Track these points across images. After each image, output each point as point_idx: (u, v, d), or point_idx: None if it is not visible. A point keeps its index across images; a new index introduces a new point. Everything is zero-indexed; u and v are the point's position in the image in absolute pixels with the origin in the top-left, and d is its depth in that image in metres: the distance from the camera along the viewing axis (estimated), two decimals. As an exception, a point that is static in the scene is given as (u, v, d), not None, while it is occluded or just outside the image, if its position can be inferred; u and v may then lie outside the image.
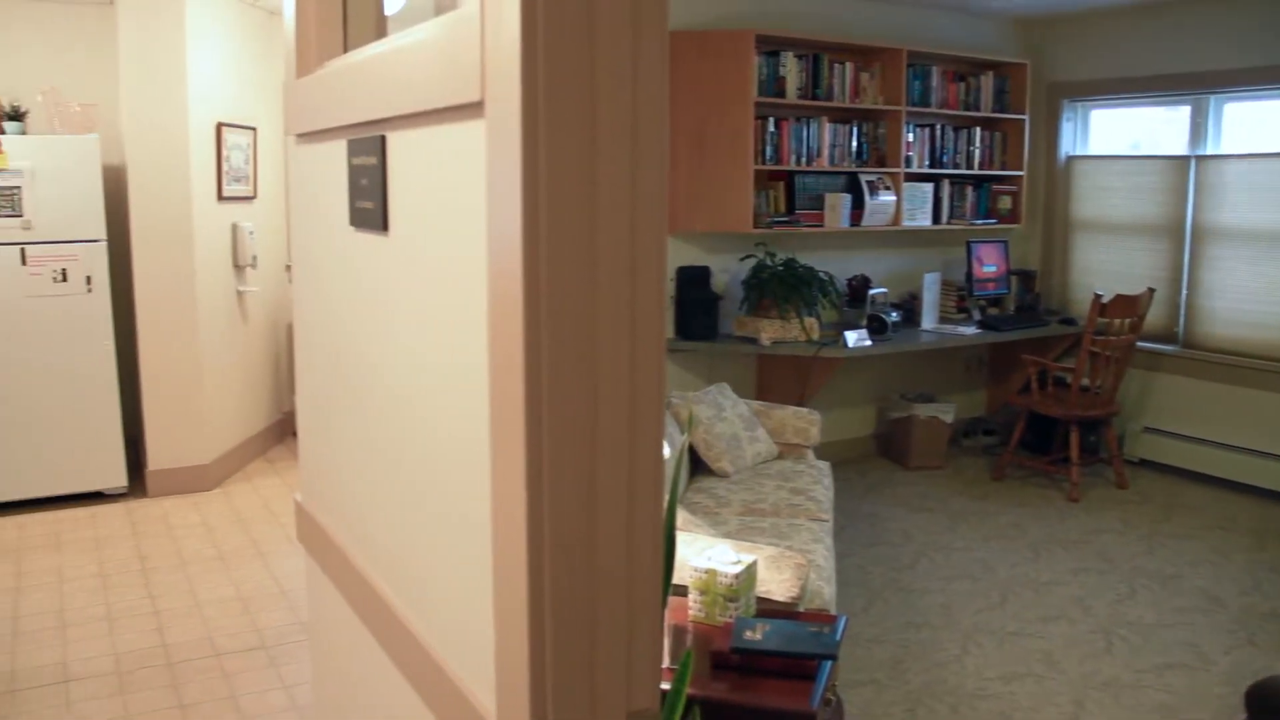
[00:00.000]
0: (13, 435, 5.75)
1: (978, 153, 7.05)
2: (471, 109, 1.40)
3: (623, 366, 1.31)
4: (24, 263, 5.68)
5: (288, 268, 7.18)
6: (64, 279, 5.75)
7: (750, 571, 3.04)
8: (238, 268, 6.54)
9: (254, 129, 6.65)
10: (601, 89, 1.24)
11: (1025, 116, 7.07)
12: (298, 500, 2.65)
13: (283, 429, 7.24)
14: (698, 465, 5.04)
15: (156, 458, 6.08)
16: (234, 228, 6.47)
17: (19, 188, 5.64)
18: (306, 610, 4.50)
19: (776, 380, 6.43)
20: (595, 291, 1.28)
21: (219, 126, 6.25)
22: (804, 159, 6.25)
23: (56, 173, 5.69)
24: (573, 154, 1.24)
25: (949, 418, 6.74)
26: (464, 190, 1.47)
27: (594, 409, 1.30)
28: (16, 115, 5.81)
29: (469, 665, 1.60)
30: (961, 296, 6.96)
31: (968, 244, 6.81)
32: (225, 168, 6.32)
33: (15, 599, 4.71)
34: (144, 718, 3.71)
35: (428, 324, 1.67)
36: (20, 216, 5.65)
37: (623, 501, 1.34)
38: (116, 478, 5.98)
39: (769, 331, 6.00)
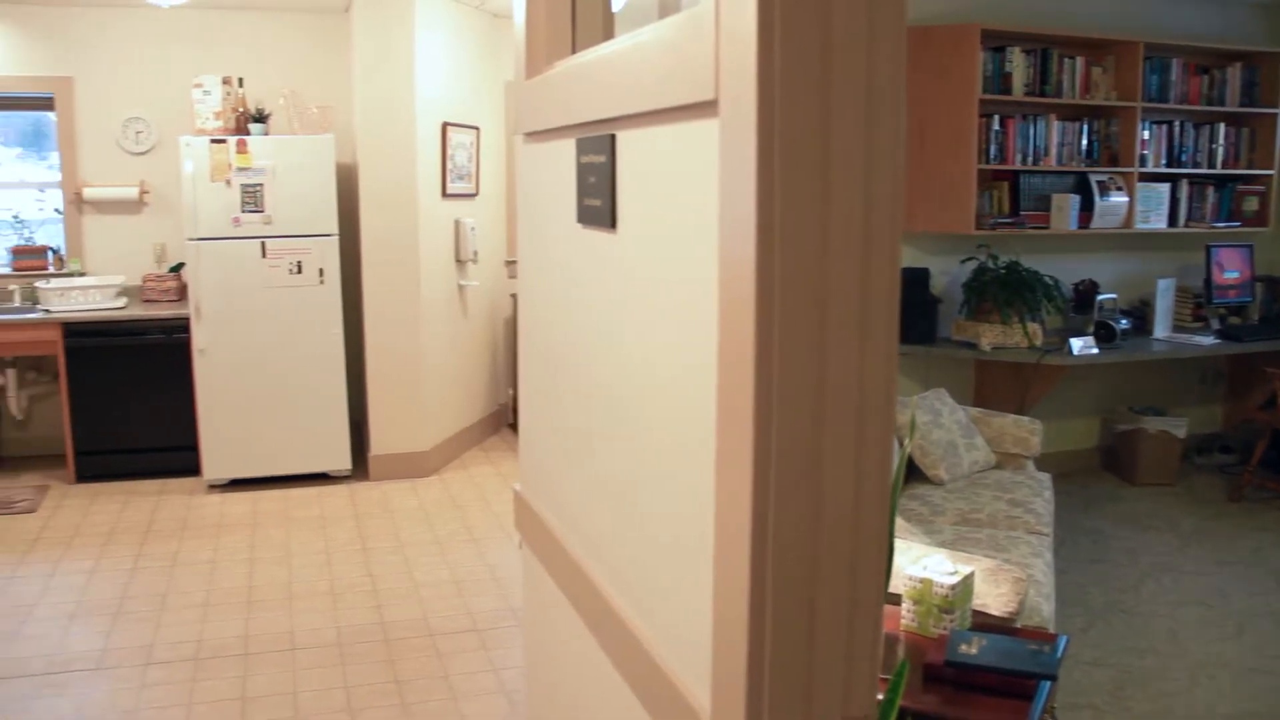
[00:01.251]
0: (250, 417, 6.12)
1: (1221, 150, 6.62)
2: (704, 108, 1.40)
3: (852, 370, 1.29)
4: (264, 255, 6.02)
5: (507, 263, 7.38)
6: (299, 271, 6.07)
7: (967, 583, 2.93)
8: (459, 263, 6.76)
9: (477, 128, 6.87)
10: (836, 86, 1.22)
11: (1278, 111, 6.60)
12: (517, 490, 2.71)
13: (498, 420, 7.44)
14: (911, 471, 4.91)
15: (379, 443, 6.35)
16: (456, 224, 6.70)
17: (261, 185, 5.98)
18: (518, 596, 4.62)
19: (996, 387, 6.20)
20: (827, 293, 1.26)
21: (444, 126, 6.47)
22: (1030, 158, 6.02)
23: (294, 171, 6.01)
24: (807, 153, 1.22)
25: (1181, 433, 6.36)
26: (695, 189, 1.47)
27: (822, 411, 1.28)
28: (260, 117, 6.17)
29: (684, 660, 1.59)
30: (1199, 304, 6.55)
31: (1207, 248, 6.41)
32: (449, 166, 6.55)
33: (250, 569, 5.01)
34: (362, 689, 3.87)
35: (654, 321, 1.67)
36: (261, 212, 6.00)
37: (849, 505, 1.32)
38: (341, 461, 6.29)
39: (989, 336, 5.80)
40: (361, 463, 6.49)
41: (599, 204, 1.89)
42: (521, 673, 3.98)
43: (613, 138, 1.80)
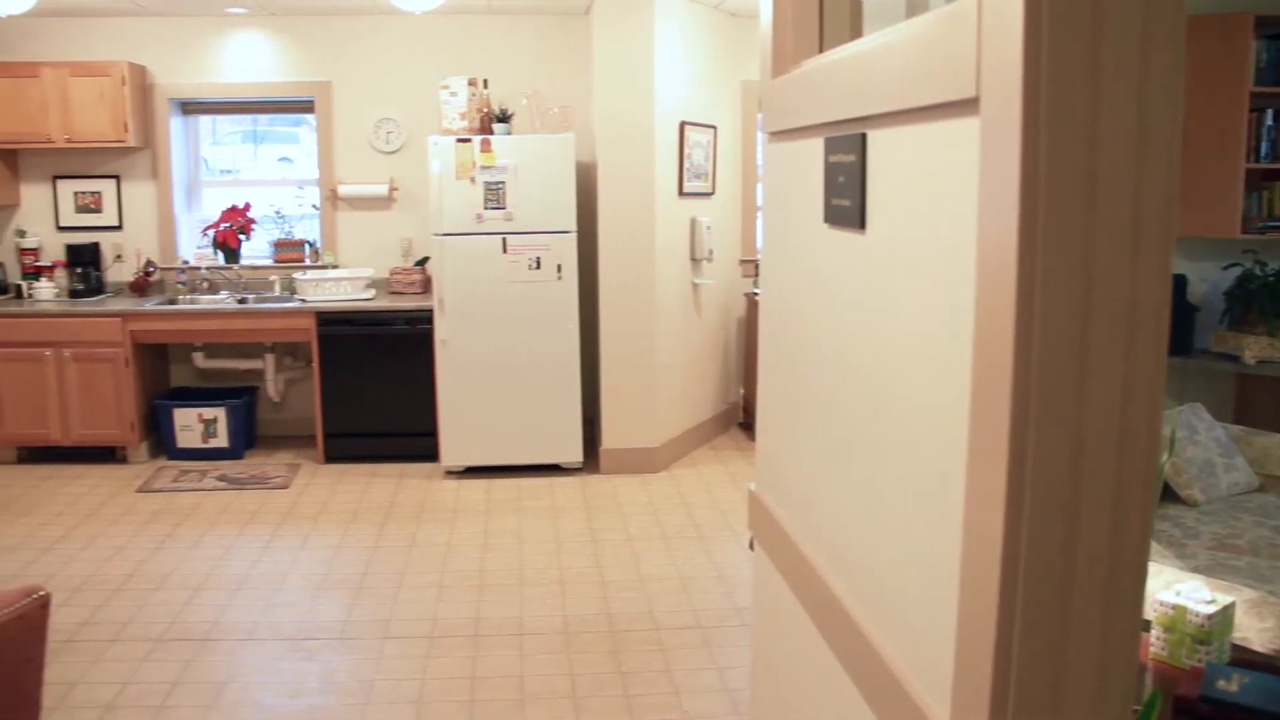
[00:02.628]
0: (487, 407, 6.29)
1: None
2: (963, 106, 1.33)
3: (1115, 384, 1.20)
4: (504, 251, 6.19)
5: (741, 262, 7.35)
6: (537, 267, 6.21)
7: (1226, 614, 2.70)
8: (694, 261, 6.77)
9: (714, 127, 6.86)
10: (1106, 84, 1.14)
11: None
12: (752, 490, 2.66)
13: (728, 419, 7.42)
14: (1162, 491, 4.59)
15: (610, 437, 6.43)
16: (692, 222, 6.71)
17: (503, 183, 6.15)
18: (744, 597, 4.57)
19: (1260, 404, 5.74)
20: (1090, 299, 1.18)
21: (681, 125, 6.50)
22: (1308, 155, 5.55)
23: (535, 169, 6.15)
24: (1074, 154, 1.15)
25: None
26: (950, 189, 1.40)
27: (1081, 426, 1.19)
28: (504, 117, 6.34)
29: (923, 674, 1.51)
30: None
31: None
32: (686, 165, 6.57)
33: (482, 554, 5.14)
34: (586, 677, 3.90)
35: (903, 325, 1.60)
36: (503, 209, 6.16)
37: (1106, 525, 1.22)
38: (573, 453, 6.39)
39: (1254, 349, 5.37)
40: (593, 456, 6.58)
41: (847, 204, 1.84)
42: (745, 673, 3.93)
43: (863, 137, 1.75)
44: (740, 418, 7.46)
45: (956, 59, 1.32)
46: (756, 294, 6.94)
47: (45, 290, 7.01)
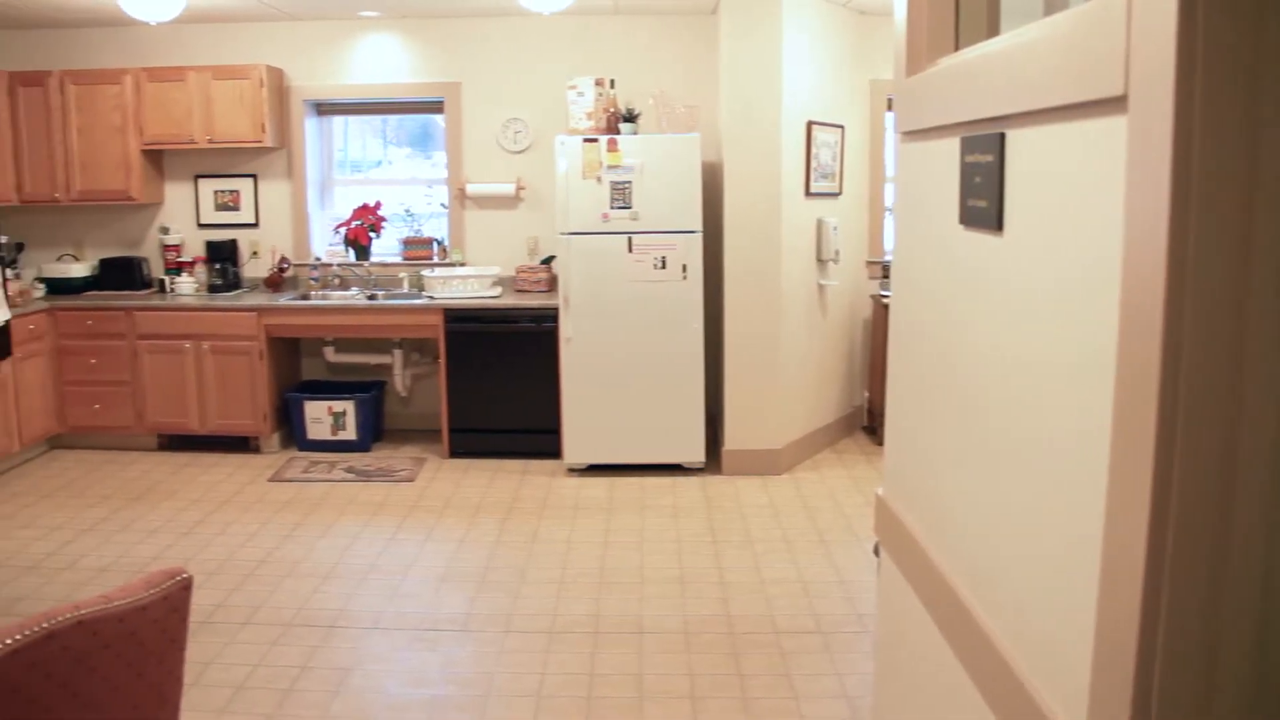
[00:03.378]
0: (610, 405, 6.31)
1: None
2: (1108, 105, 1.28)
3: (1271, 388, 1.12)
4: (630, 250, 6.19)
5: (868, 264, 7.25)
6: (663, 266, 6.20)
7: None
8: (820, 262, 6.69)
9: (841, 127, 6.77)
10: (1267, 82, 1.07)
11: None
12: (879, 494, 2.61)
13: (852, 422, 7.31)
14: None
15: (733, 438, 6.39)
16: (819, 223, 6.63)
17: (630, 183, 6.16)
18: (866, 603, 4.49)
19: None
20: (1246, 306, 1.11)
21: (809, 125, 6.43)
22: None
23: (661, 169, 6.15)
24: (1230, 156, 1.09)
25: None
26: (1094, 190, 1.34)
27: (1234, 436, 1.13)
28: (631, 117, 6.36)
29: (1057, 691, 1.46)
30: None
31: None
32: (813, 165, 6.49)
33: (603, 552, 5.15)
34: (704, 678, 3.88)
35: (1043, 328, 1.55)
36: (629, 208, 6.17)
37: (1258, 538, 1.15)
38: (696, 453, 6.37)
39: None
40: (715, 456, 6.55)
41: (984, 205, 1.79)
42: (866, 680, 3.86)
43: (1001, 136, 1.70)
44: (864, 421, 7.35)
45: (1103, 55, 1.27)
46: (883, 296, 6.83)
47: (186, 285, 7.27)
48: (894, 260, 2.55)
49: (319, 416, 6.91)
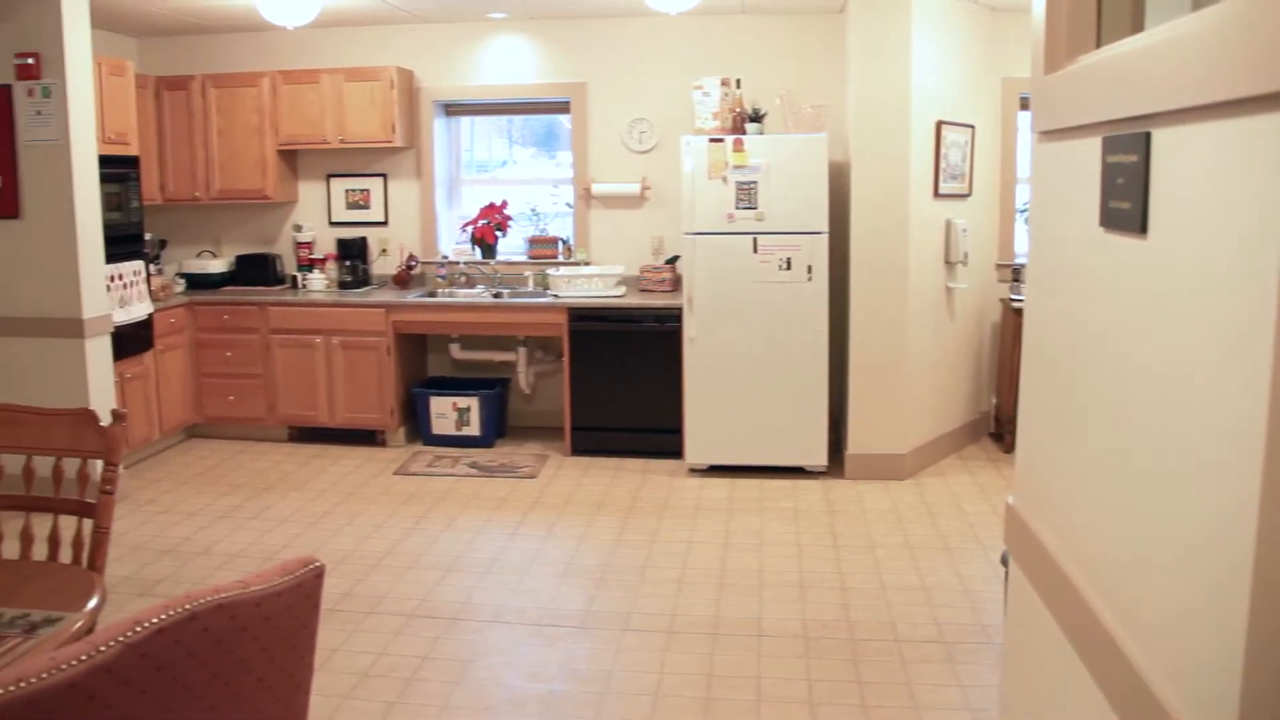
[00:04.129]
0: (733, 406, 6.28)
1: None
2: (1268, 101, 1.21)
3: None
4: (755, 251, 6.16)
5: (998, 266, 7.08)
6: (788, 267, 6.15)
7: None
8: (948, 264, 6.56)
9: (971, 126, 6.63)
10: None
11: None
12: (1010, 503, 2.54)
13: (978, 429, 7.15)
14: None
15: (856, 442, 6.30)
16: (947, 224, 6.50)
17: (755, 183, 6.12)
18: (991, 613, 4.39)
19: None
20: None
21: (938, 125, 6.30)
22: None
23: (787, 169, 6.10)
24: None
25: None
26: (1249, 191, 1.28)
27: None
28: (757, 117, 6.32)
29: (1201, 711, 1.39)
30: None
31: None
32: (942, 165, 6.37)
33: (723, 553, 5.13)
34: (823, 684, 3.82)
35: (1190, 334, 1.48)
36: (755, 209, 6.13)
37: None
38: (818, 456, 6.29)
39: None
40: (837, 460, 6.47)
41: (1127, 207, 1.72)
42: (990, 693, 3.76)
43: (1147, 135, 1.63)
44: (991, 428, 7.18)
45: (1264, 48, 1.20)
46: (1013, 299, 6.66)
47: (317, 281, 7.47)
48: (1028, 263, 2.48)
49: (444, 412, 7.02)
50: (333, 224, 7.75)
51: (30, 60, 5.65)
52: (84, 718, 1.41)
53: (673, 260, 7.02)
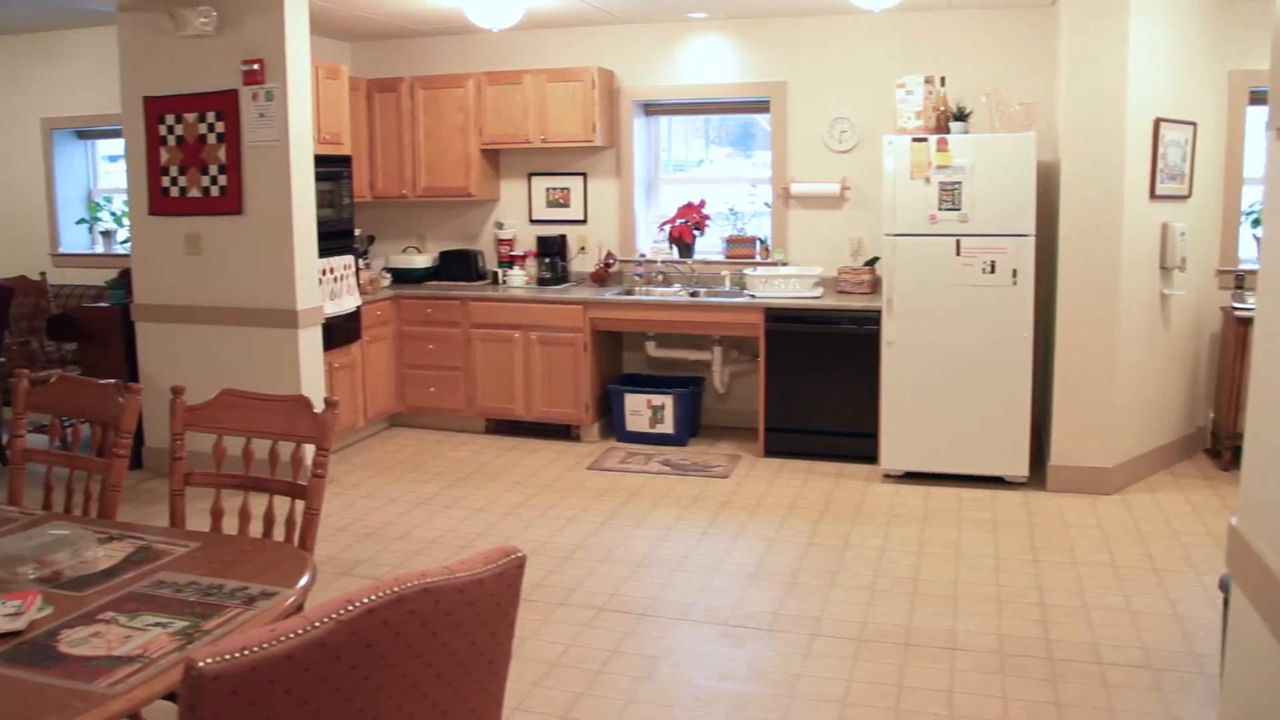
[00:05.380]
0: (930, 412, 6.13)
1: None
2: None
3: None
4: (958, 253, 5.99)
5: (1219, 273, 6.70)
6: (991, 271, 5.96)
7: None
8: (1164, 269, 6.23)
9: (1193, 124, 6.28)
10: None
11: None
12: (1233, 524, 2.39)
13: (1192, 444, 6.77)
14: None
15: (1059, 453, 6.06)
16: (1164, 228, 6.18)
17: (959, 183, 5.96)
18: (1203, 641, 4.14)
19: None
20: None
21: (1156, 122, 5.99)
22: None
23: (993, 169, 5.91)
24: None
25: None
26: None
27: None
28: (961, 116, 6.15)
29: None
30: None
31: None
32: (1159, 165, 6.05)
33: (917, 562, 5.01)
34: (1019, 703, 3.69)
35: None
36: (958, 210, 5.97)
37: None
38: (1018, 466, 6.08)
39: None
40: (1039, 471, 6.23)
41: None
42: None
43: None
44: (1208, 443, 6.79)
45: None
46: (1238, 308, 6.28)
47: (517, 277, 7.65)
48: (1261, 270, 2.33)
49: (638, 409, 7.09)
50: (533, 221, 7.92)
51: (255, 66, 5.98)
52: (299, 686, 1.48)
53: (872, 262, 6.90)
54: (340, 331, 6.80)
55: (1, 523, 3.02)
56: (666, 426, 7.05)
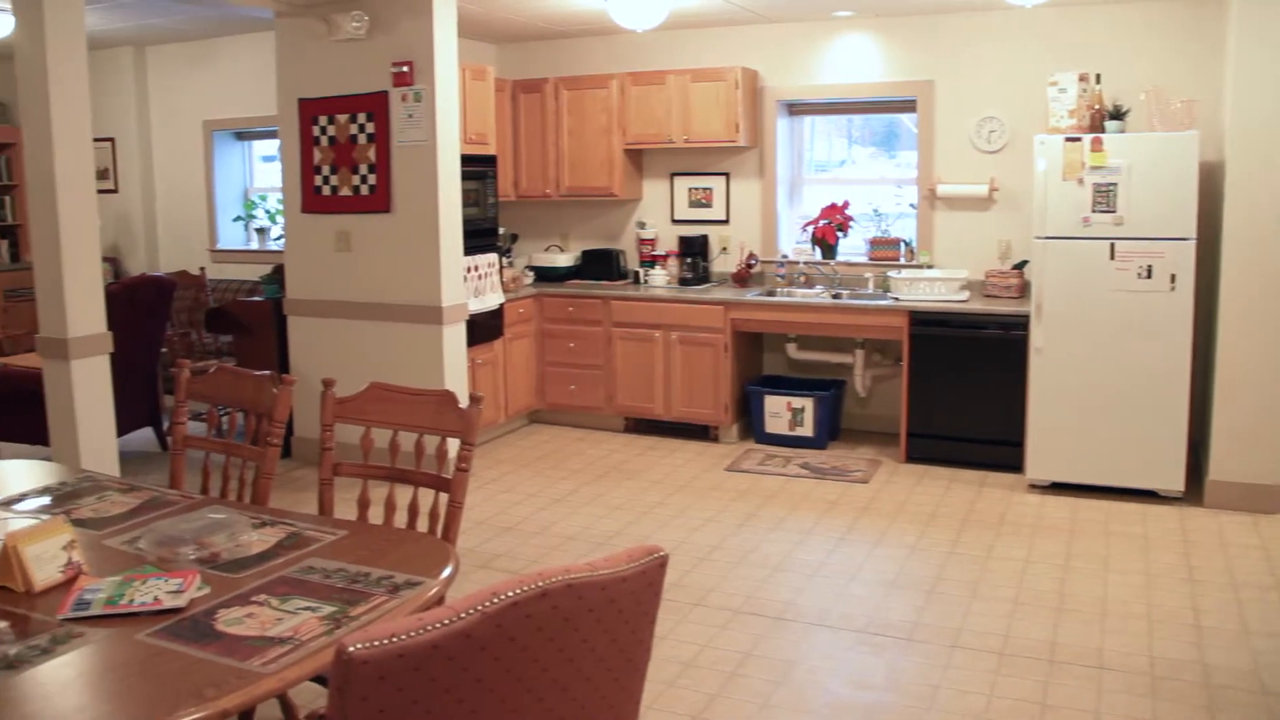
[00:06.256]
0: (1080, 421, 5.93)
1: None
2: None
3: None
4: (1111, 257, 5.78)
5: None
6: (1148, 275, 5.74)
7: None
8: (1336, 277, 5.91)
9: (1376, 124, 5.93)
10: None
11: None
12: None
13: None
14: None
15: (1219, 468, 5.78)
16: (1337, 233, 5.85)
17: (1115, 185, 5.75)
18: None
19: None
20: None
21: (1336, 121, 5.68)
22: None
23: (1151, 170, 5.68)
24: None
25: None
26: None
27: None
28: (1117, 114, 5.93)
29: None
30: None
31: None
32: (1337, 166, 5.74)
33: (1063, 576, 4.85)
34: (1176, 728, 3.54)
35: None
36: (1113, 212, 5.76)
37: None
38: (1173, 481, 5.83)
39: None
40: (1195, 486, 5.96)
41: None
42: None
43: None
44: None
45: None
46: None
47: (658, 277, 7.67)
48: None
49: (778, 411, 7.04)
50: (675, 221, 7.93)
51: (405, 68, 6.12)
52: (443, 675, 1.50)
53: (1020, 265, 6.71)
54: (483, 328, 6.91)
55: (163, 505, 3.15)
56: (806, 429, 6.98)
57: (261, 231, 9.32)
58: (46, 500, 3.23)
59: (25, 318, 9.20)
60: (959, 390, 6.45)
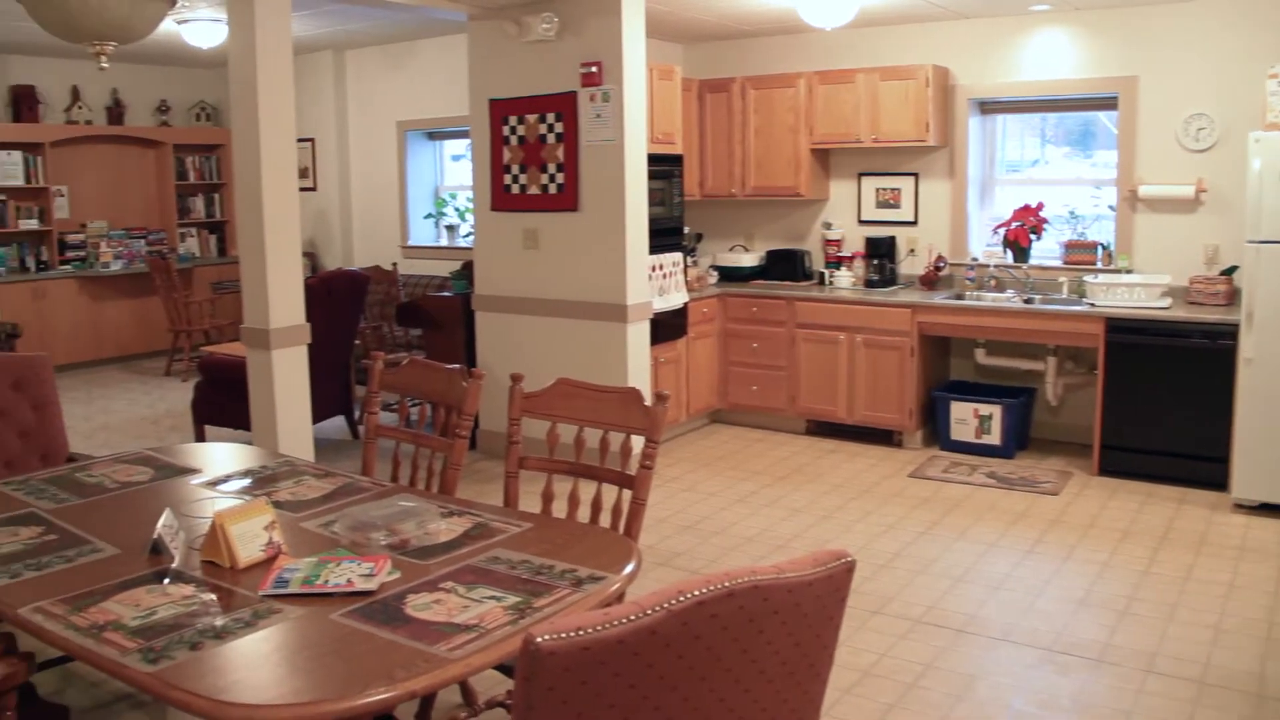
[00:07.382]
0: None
1: None
2: None
3: None
4: (1332, 263, 5.43)
5: None
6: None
7: None
8: None
9: None
10: None
11: None
12: None
13: None
14: None
15: None
16: None
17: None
18: None
19: None
20: None
21: None
22: None
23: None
24: None
25: None
26: None
27: None
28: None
29: None
30: None
31: None
32: None
33: (1272, 603, 4.56)
34: (1399, 770, 3.29)
35: None
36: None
37: None
38: (1397, 505, 5.44)
39: None
40: None
41: None
42: None
43: None
44: None
45: None
46: None
47: (844, 279, 7.57)
48: None
49: (964, 418, 6.85)
50: (861, 222, 7.82)
51: (594, 69, 6.21)
52: (627, 670, 1.51)
53: (1229, 271, 6.35)
54: (667, 327, 6.95)
55: (355, 491, 3.27)
56: (993, 437, 6.78)
57: (451, 229, 9.61)
58: (248, 482, 3.40)
59: (230, 309, 9.73)
60: (1158, 401, 6.15)
